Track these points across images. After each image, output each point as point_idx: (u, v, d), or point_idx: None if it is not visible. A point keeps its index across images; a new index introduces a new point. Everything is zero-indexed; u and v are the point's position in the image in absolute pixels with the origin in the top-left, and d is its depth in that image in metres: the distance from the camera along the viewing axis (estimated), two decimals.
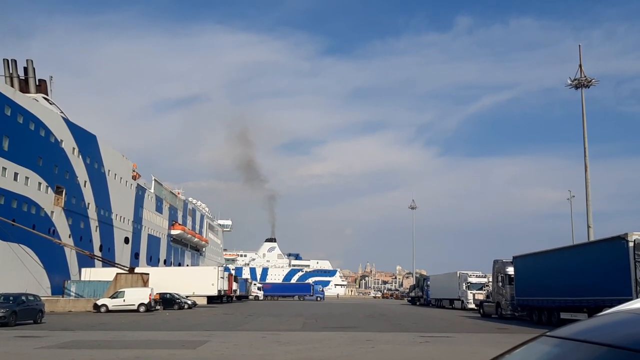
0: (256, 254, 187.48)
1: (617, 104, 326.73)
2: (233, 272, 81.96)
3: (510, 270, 36.84)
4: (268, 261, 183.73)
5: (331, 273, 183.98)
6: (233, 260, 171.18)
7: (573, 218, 70.32)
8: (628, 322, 2.31)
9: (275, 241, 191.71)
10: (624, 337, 2.15)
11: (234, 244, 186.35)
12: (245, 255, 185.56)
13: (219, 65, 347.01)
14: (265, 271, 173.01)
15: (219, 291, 57.98)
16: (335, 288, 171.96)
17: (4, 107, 45.80)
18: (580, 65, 46.53)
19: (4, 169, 45.74)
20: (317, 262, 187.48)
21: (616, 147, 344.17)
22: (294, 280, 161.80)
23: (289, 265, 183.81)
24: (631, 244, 23.07)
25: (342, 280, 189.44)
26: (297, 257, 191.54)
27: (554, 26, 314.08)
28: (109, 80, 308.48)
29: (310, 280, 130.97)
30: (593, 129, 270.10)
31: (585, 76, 46.23)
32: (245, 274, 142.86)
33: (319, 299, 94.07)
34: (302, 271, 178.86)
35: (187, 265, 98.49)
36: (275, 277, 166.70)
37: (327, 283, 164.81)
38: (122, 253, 69.28)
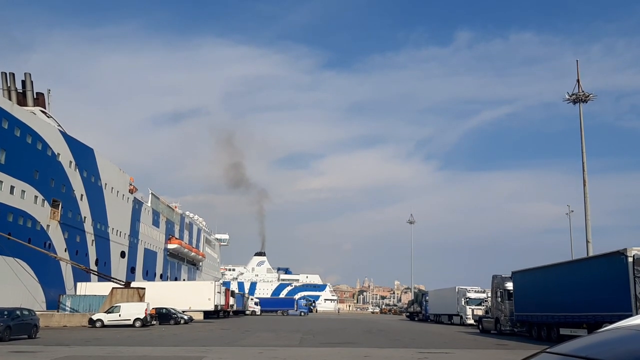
0: (245, 268, 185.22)
1: (617, 118, 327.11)
2: None
3: (509, 285, 36.63)
4: (257, 275, 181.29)
5: (321, 288, 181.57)
6: (221, 275, 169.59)
7: (572, 233, 70.29)
8: (629, 339, 2.35)
9: (264, 255, 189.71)
10: (626, 354, 2.19)
11: (231, 259, 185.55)
12: (233, 270, 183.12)
13: (218, 78, 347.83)
14: (253, 285, 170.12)
15: (216, 306, 57.60)
16: (325, 303, 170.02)
17: (1, 120, 45.79)
18: (578, 80, 46.68)
19: (0, 182, 45.60)
20: (307, 277, 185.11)
21: (616, 162, 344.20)
22: (282, 294, 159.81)
23: (278, 280, 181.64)
24: (630, 259, 22.91)
25: (333, 295, 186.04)
26: (287, 271, 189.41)
27: (554, 41, 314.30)
28: (107, 94, 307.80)
29: (299, 295, 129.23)
30: (592, 144, 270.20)
31: (583, 91, 46.36)
32: (233, 288, 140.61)
33: (302, 314, 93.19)
34: (291, 285, 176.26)
35: (184, 280, 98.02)
36: (264, 291, 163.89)
37: (316, 298, 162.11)
38: (118, 267, 68.91)
